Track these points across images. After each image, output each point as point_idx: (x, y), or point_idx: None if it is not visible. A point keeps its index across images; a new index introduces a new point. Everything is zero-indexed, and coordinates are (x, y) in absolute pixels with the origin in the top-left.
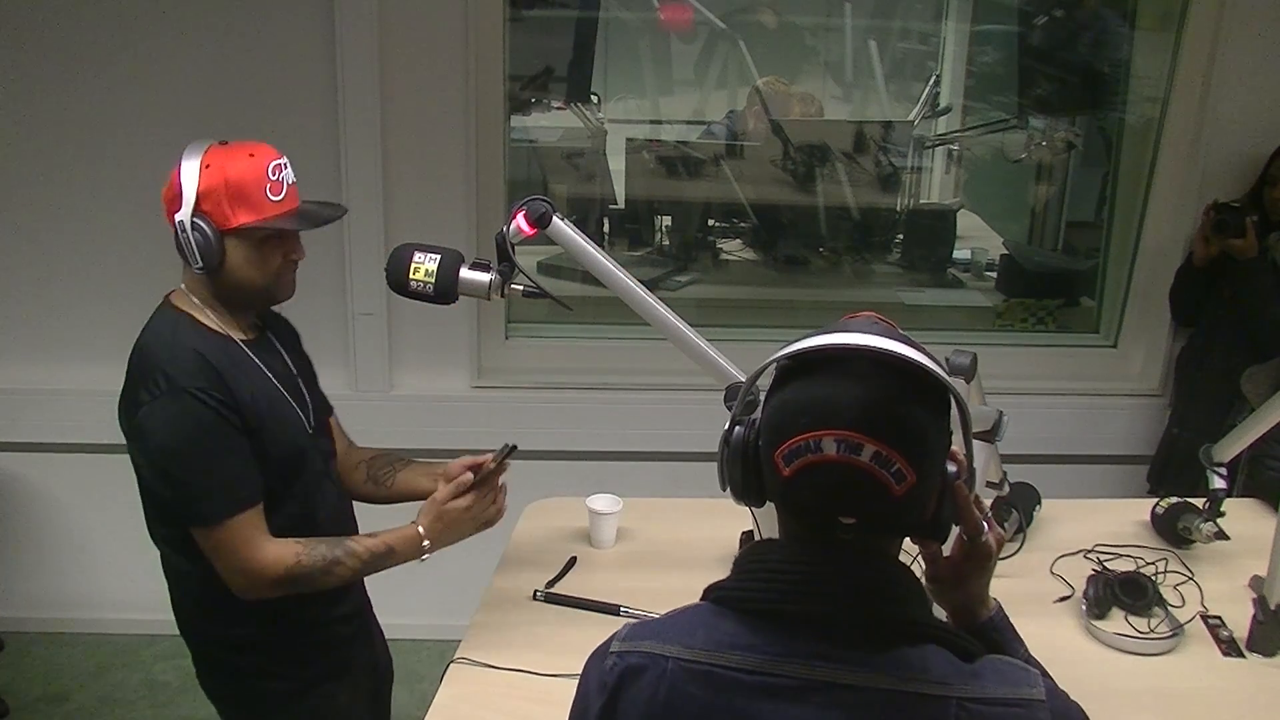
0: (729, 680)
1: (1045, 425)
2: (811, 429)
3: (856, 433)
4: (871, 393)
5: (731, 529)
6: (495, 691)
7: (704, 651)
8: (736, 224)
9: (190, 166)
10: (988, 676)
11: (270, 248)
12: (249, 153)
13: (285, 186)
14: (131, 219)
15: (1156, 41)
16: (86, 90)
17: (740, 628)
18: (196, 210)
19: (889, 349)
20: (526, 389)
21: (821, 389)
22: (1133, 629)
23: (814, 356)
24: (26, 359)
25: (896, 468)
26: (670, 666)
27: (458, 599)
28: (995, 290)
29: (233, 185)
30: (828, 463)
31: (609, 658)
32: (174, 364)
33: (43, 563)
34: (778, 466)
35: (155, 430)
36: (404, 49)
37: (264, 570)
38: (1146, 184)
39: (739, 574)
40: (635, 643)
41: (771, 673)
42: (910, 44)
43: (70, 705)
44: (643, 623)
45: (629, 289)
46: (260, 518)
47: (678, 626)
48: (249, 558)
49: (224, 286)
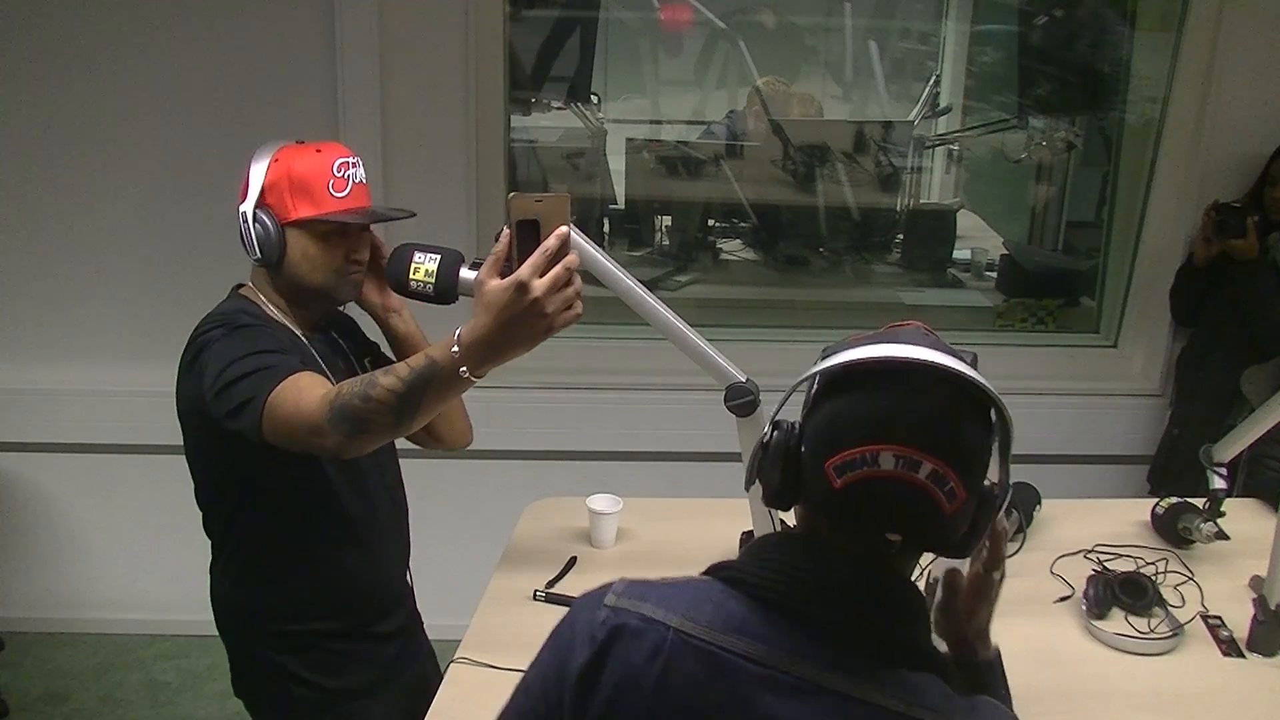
0: (731, 665)
1: (1045, 425)
2: (868, 442)
3: (916, 449)
4: (931, 408)
5: (732, 529)
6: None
7: (709, 630)
8: (736, 224)
9: (260, 161)
10: (983, 715)
11: (331, 244)
12: (316, 149)
13: (350, 184)
14: (132, 218)
15: (1156, 41)
16: (87, 91)
17: (751, 614)
18: (260, 202)
19: (950, 366)
20: (526, 389)
21: (879, 401)
22: (1133, 629)
23: (868, 367)
24: (27, 359)
25: (950, 486)
26: (671, 637)
27: (458, 599)
28: (995, 290)
29: (296, 179)
30: (884, 478)
31: (602, 609)
32: (234, 317)
33: (43, 563)
34: (828, 478)
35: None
36: (404, 49)
37: (313, 411)
38: (1146, 184)
39: (756, 560)
40: (634, 601)
41: (779, 668)
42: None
43: (70, 705)
44: (642, 582)
45: (629, 289)
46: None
47: (683, 597)
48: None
49: (285, 282)
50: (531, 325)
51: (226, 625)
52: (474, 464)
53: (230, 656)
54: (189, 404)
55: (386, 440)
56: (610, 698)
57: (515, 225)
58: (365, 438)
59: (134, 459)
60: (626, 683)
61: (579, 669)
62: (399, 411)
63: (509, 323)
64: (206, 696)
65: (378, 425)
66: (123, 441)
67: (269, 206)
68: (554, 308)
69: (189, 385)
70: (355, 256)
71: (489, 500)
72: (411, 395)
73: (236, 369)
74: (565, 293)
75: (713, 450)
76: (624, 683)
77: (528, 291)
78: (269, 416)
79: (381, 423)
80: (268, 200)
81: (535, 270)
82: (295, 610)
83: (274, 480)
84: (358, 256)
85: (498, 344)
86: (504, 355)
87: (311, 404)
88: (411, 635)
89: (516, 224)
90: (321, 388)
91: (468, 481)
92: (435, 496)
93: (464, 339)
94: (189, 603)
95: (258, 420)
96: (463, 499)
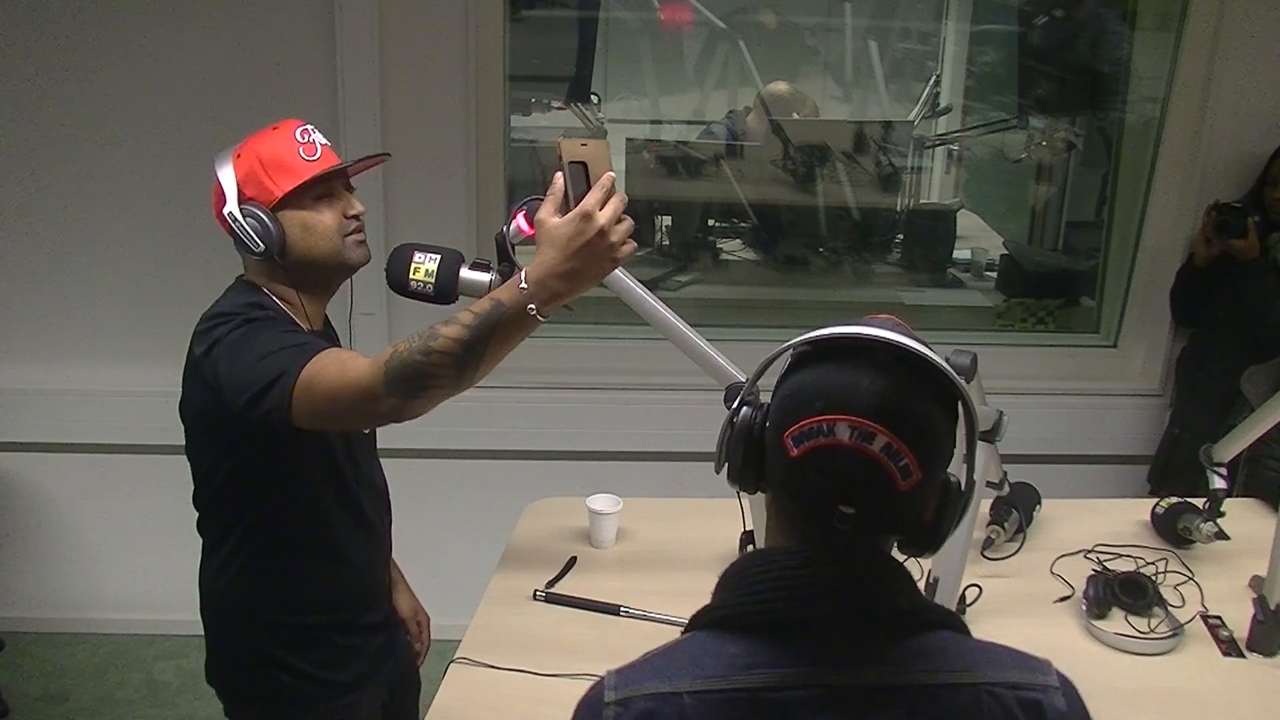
0: (758, 702)
1: (1045, 425)
2: (826, 412)
3: (871, 421)
4: (890, 385)
5: (731, 529)
6: (495, 691)
7: (721, 679)
8: (736, 224)
9: (224, 165)
10: (1006, 661)
11: (324, 206)
12: (272, 128)
13: (318, 147)
14: (132, 219)
15: (1156, 41)
16: (87, 91)
17: (753, 646)
18: (242, 198)
19: (912, 346)
20: (526, 389)
21: (840, 375)
22: (1133, 629)
23: (835, 344)
24: (27, 359)
25: (905, 463)
26: (688, 703)
27: (458, 599)
28: (995, 290)
29: (267, 160)
30: (838, 447)
31: (606, 709)
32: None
33: (43, 563)
34: (786, 447)
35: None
36: (404, 49)
37: (365, 375)
38: (1146, 184)
39: (735, 593)
40: (635, 687)
41: (804, 686)
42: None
43: (70, 705)
44: (631, 666)
45: (629, 289)
46: (350, 353)
47: (680, 660)
48: (344, 373)
49: (293, 266)
50: (599, 255)
51: (217, 617)
52: (474, 464)
53: (215, 647)
54: (197, 398)
55: (443, 398)
56: None
57: (568, 167)
58: (425, 396)
59: (134, 459)
60: None
61: None
62: (462, 361)
63: (577, 253)
64: (206, 696)
65: (439, 380)
66: (123, 441)
67: (252, 198)
68: (617, 237)
69: (198, 379)
70: (351, 212)
71: (489, 500)
72: (477, 342)
73: (260, 351)
74: (625, 224)
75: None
76: None
77: (593, 220)
78: (303, 393)
79: (443, 375)
80: (248, 193)
81: (598, 202)
82: (298, 604)
83: (286, 474)
84: (354, 212)
85: (568, 275)
86: (574, 288)
87: (361, 370)
88: (394, 627)
89: (569, 165)
90: (363, 358)
91: (468, 481)
92: (435, 496)
93: (532, 275)
94: (189, 603)
95: (287, 398)
96: (463, 499)
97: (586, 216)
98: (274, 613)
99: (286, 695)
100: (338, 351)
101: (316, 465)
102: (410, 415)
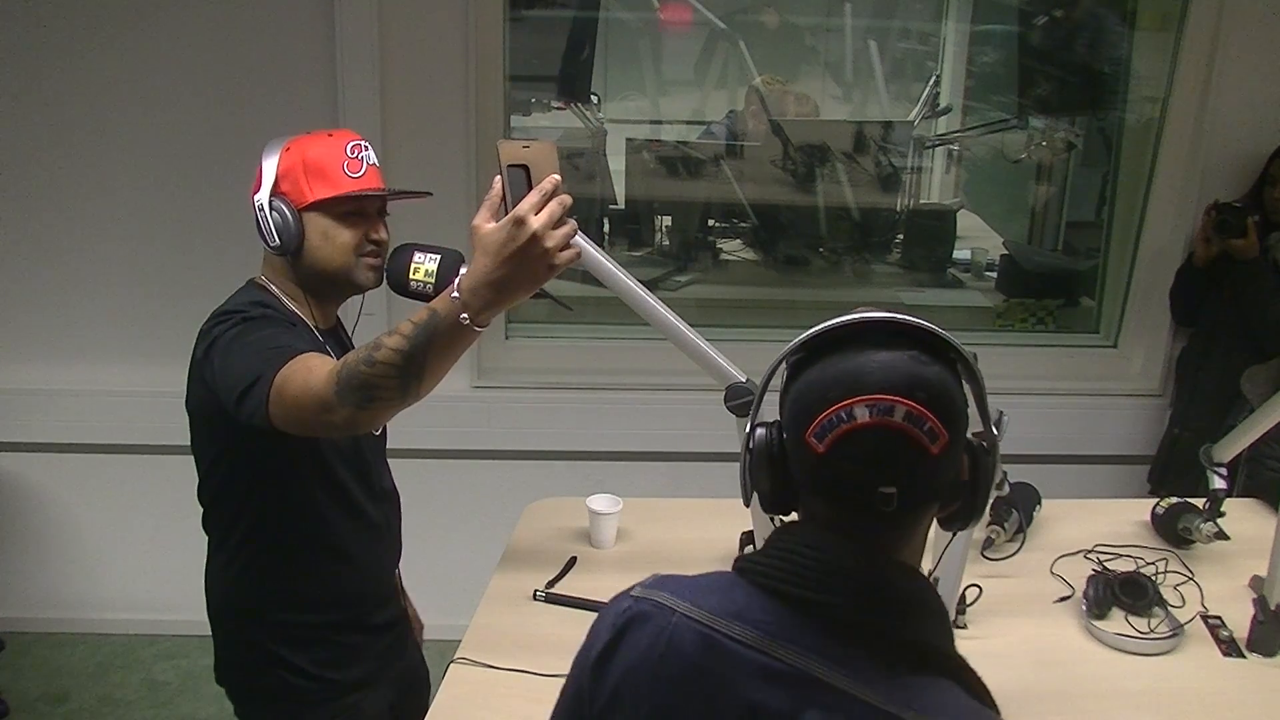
0: (727, 649)
1: (1045, 425)
2: (841, 400)
3: (886, 395)
4: (894, 356)
5: (732, 529)
6: (495, 691)
7: (710, 615)
8: (736, 224)
9: (272, 154)
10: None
11: (350, 225)
12: (328, 134)
13: (365, 165)
14: (132, 217)
15: (1156, 41)
16: (85, 87)
17: (752, 601)
18: (275, 191)
19: (899, 317)
20: (526, 389)
21: (842, 363)
22: (1133, 629)
23: (827, 338)
24: (27, 359)
25: (929, 425)
26: (675, 620)
27: (458, 599)
28: (995, 290)
29: (310, 163)
30: (863, 429)
31: (625, 599)
32: (247, 309)
33: (43, 563)
34: (811, 446)
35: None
36: (404, 49)
37: (322, 386)
38: (1146, 184)
39: (766, 549)
40: (653, 591)
41: (773, 655)
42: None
43: (70, 705)
44: (669, 575)
45: (629, 289)
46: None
47: (697, 586)
48: (307, 381)
49: (303, 270)
50: (533, 262)
51: (223, 616)
52: (474, 464)
53: (221, 645)
54: (200, 396)
55: (396, 409)
56: (617, 683)
57: (506, 170)
58: (374, 407)
59: (134, 459)
60: (632, 666)
61: (596, 655)
62: (405, 371)
63: (509, 260)
64: (206, 696)
65: (384, 391)
66: (123, 441)
67: (284, 194)
68: (553, 243)
69: (198, 378)
70: (374, 237)
71: (489, 500)
72: (417, 352)
73: (245, 352)
74: (563, 229)
75: (713, 450)
76: (630, 666)
77: (525, 225)
78: (276, 398)
79: (388, 387)
80: (282, 188)
81: (532, 207)
82: (300, 603)
83: (281, 475)
84: (377, 237)
85: (499, 284)
86: (507, 297)
87: (320, 379)
88: (401, 628)
89: (507, 169)
90: (330, 366)
91: (468, 481)
92: (435, 496)
93: (464, 284)
94: (189, 603)
95: (264, 402)
96: (463, 499)
97: (518, 221)
98: (276, 611)
99: (290, 694)
100: (309, 358)
101: (308, 465)
102: (366, 426)
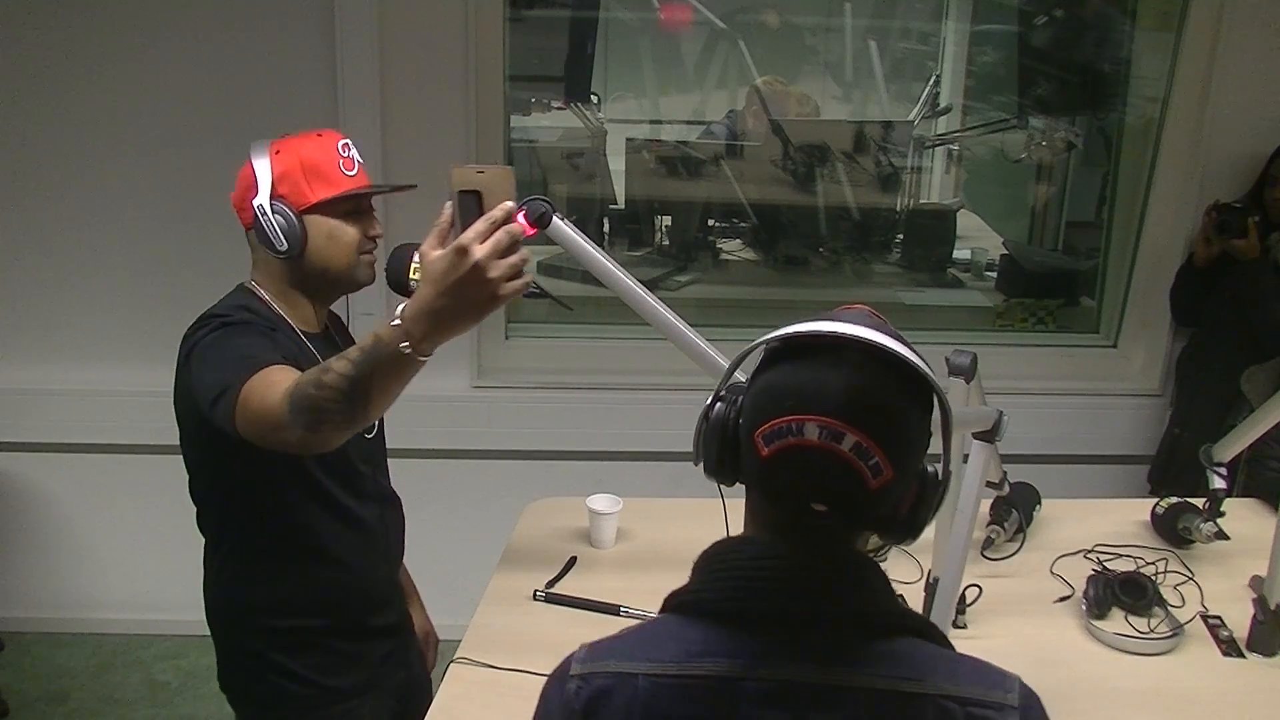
0: (707, 691)
1: (1045, 425)
2: (795, 412)
3: (840, 421)
4: (859, 383)
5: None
6: (495, 691)
7: (674, 664)
8: (736, 224)
9: (260, 158)
10: (964, 674)
11: (351, 223)
12: (316, 134)
13: (356, 164)
14: (132, 218)
15: (1156, 41)
16: (86, 89)
17: (710, 634)
18: (274, 194)
19: (880, 342)
20: (526, 389)
21: (809, 373)
22: (1133, 629)
23: (804, 342)
24: (27, 359)
25: (875, 461)
26: (641, 684)
27: (458, 599)
28: (995, 290)
29: (308, 164)
30: (808, 447)
31: (570, 681)
32: (230, 314)
33: (43, 563)
34: (757, 446)
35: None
36: (404, 49)
37: (276, 404)
38: (1146, 184)
39: (704, 578)
40: (598, 663)
41: (753, 678)
42: (910, 44)
43: (70, 705)
44: (601, 642)
45: (629, 289)
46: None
47: (643, 642)
48: (264, 398)
49: (305, 273)
50: (474, 292)
51: (218, 619)
52: (474, 464)
53: (219, 650)
54: (184, 400)
55: (346, 433)
56: None
57: (457, 196)
58: (324, 430)
59: (134, 459)
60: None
61: None
62: (350, 397)
63: (450, 290)
64: (206, 696)
65: (331, 415)
66: (123, 441)
67: (284, 196)
68: (497, 273)
69: (183, 381)
70: (372, 233)
71: (489, 500)
72: (361, 379)
73: (219, 361)
74: (510, 259)
75: None
76: None
77: (468, 255)
78: (241, 410)
79: (335, 411)
80: (281, 191)
81: (478, 236)
82: (288, 607)
83: (265, 476)
84: (374, 233)
85: (440, 314)
86: (448, 327)
87: (275, 397)
88: (402, 636)
89: (459, 195)
90: (290, 381)
91: (468, 481)
92: (435, 496)
93: (406, 312)
94: (189, 603)
95: (232, 412)
96: (463, 499)
97: (461, 251)
98: (266, 616)
99: (284, 700)
100: (273, 372)
101: (283, 468)
102: (320, 447)
